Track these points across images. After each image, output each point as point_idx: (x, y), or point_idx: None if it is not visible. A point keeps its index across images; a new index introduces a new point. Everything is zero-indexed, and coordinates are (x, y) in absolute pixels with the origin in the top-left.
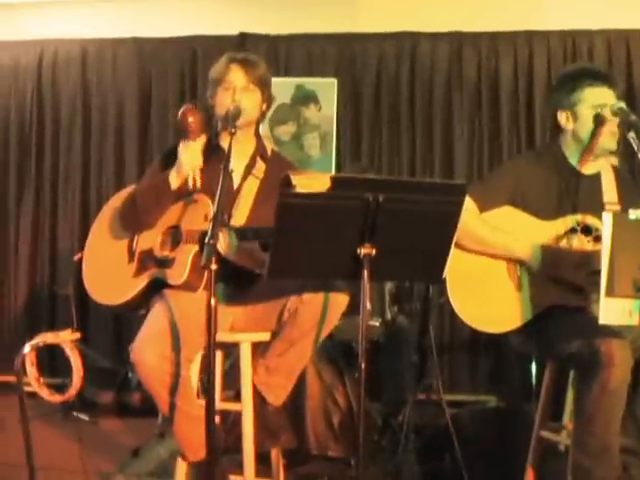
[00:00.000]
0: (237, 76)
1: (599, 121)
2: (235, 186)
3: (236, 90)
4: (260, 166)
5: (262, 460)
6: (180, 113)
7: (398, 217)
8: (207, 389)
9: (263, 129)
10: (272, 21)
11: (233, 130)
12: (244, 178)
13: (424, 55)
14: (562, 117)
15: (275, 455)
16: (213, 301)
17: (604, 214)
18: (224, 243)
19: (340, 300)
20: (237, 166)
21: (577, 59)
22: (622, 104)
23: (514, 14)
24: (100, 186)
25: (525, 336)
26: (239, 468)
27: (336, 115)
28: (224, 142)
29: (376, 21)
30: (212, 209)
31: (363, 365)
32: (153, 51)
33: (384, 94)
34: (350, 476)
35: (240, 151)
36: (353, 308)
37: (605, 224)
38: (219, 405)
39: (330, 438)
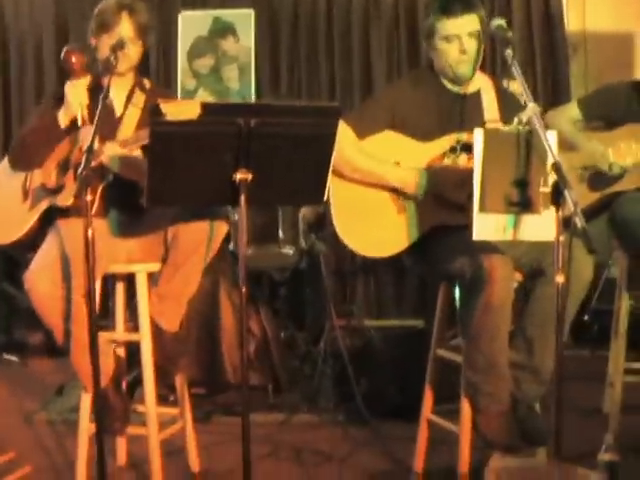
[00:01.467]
0: (125, 28)
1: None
2: (117, 115)
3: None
4: (139, 96)
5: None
6: (63, 54)
7: (272, 141)
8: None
9: (182, 62)
10: None
11: (115, 61)
12: (125, 107)
13: None
14: (426, 46)
15: (180, 383)
16: (90, 232)
17: (475, 130)
18: (106, 154)
19: (222, 224)
20: (118, 97)
21: None
22: (500, 21)
23: None
24: (21, 124)
25: (414, 257)
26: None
27: (254, 46)
28: (106, 82)
29: None
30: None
31: (244, 289)
32: None
33: (302, 24)
34: (268, 402)
35: (120, 85)
36: (266, 237)
37: (476, 140)
38: (118, 336)
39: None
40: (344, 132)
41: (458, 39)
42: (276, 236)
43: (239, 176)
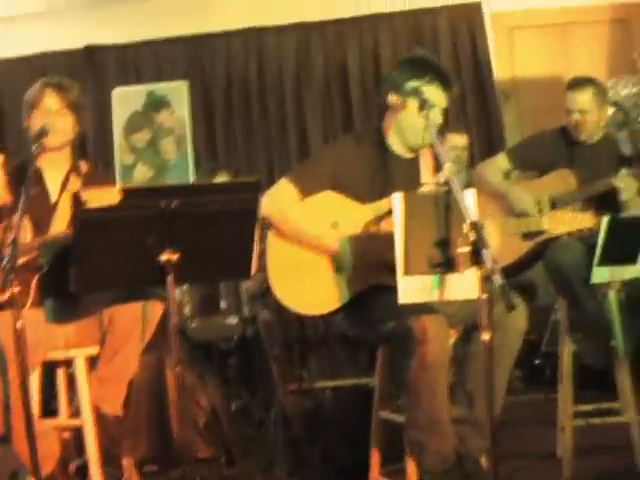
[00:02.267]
0: (52, 100)
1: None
2: (53, 201)
3: (50, 113)
4: (75, 181)
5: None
6: None
7: (195, 220)
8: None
9: (119, 138)
10: (118, 30)
11: (38, 149)
12: (60, 193)
13: (271, 50)
14: (392, 99)
15: (127, 464)
16: (19, 323)
17: (394, 195)
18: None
19: (156, 304)
20: (53, 182)
21: (422, 39)
22: (416, 83)
23: None
24: None
25: (349, 319)
26: None
27: (189, 117)
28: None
29: (223, 19)
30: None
31: (178, 369)
32: (5, 72)
33: (235, 92)
34: (221, 474)
35: (56, 169)
36: (208, 308)
37: (395, 204)
38: (61, 422)
39: (197, 440)
40: (287, 190)
41: (433, 107)
42: (218, 306)
43: (165, 257)
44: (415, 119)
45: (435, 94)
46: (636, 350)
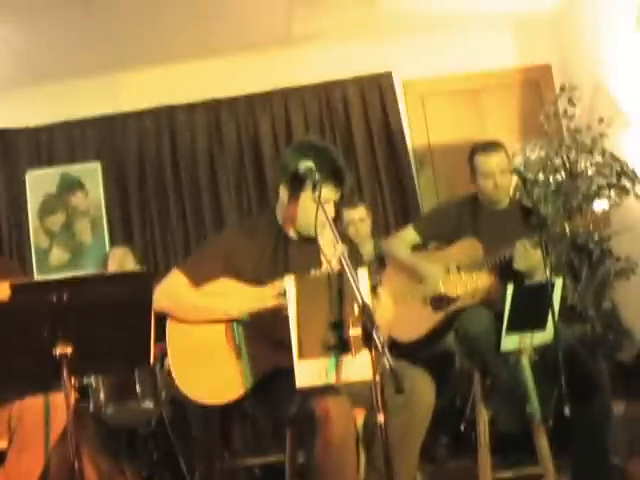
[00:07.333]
0: None
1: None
2: None
3: None
4: None
5: None
6: None
7: (87, 312)
8: None
9: (33, 221)
10: (29, 113)
11: None
12: None
13: (183, 127)
14: (283, 191)
15: None
16: None
17: (285, 277)
18: None
19: (61, 399)
20: None
21: (332, 110)
22: (308, 163)
23: (268, 74)
24: None
25: (255, 402)
26: None
27: (104, 198)
28: None
29: (134, 99)
30: None
31: (76, 466)
32: None
33: (148, 171)
34: None
35: None
36: (123, 392)
37: (288, 287)
38: None
39: None
40: (178, 280)
41: (326, 203)
42: (134, 390)
43: (59, 351)
44: (307, 212)
45: (328, 192)
46: (555, 413)
